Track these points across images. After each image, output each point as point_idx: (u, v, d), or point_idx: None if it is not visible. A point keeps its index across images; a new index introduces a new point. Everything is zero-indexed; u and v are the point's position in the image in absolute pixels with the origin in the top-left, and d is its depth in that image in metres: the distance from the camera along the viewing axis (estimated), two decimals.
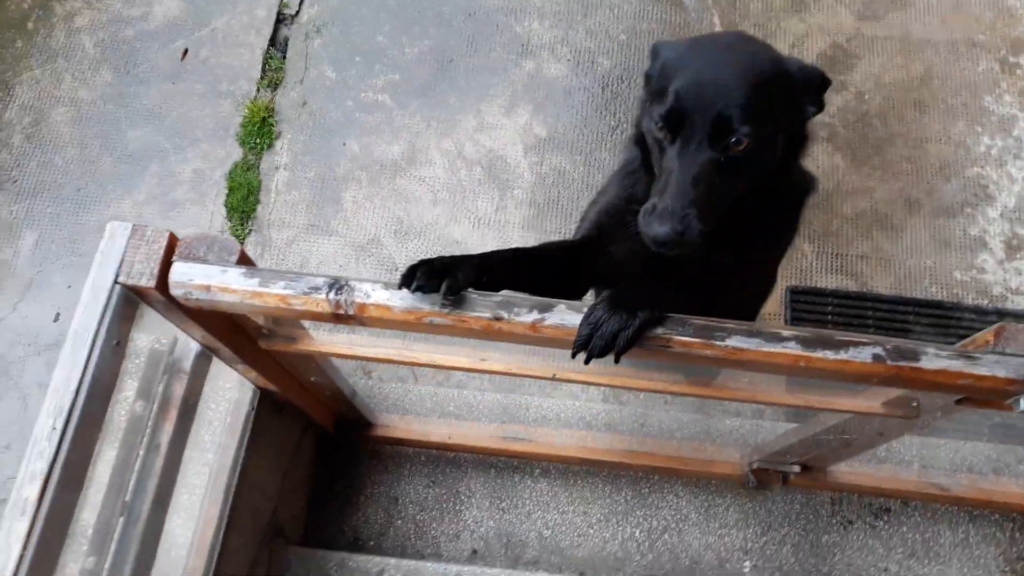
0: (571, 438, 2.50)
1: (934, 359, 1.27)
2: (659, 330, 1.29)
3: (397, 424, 2.52)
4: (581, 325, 1.28)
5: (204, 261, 1.37)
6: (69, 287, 3.22)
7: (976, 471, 2.47)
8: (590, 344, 1.27)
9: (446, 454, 2.58)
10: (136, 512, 1.53)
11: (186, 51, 3.68)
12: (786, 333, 1.29)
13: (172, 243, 1.38)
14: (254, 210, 3.37)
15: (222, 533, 1.83)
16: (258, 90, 3.59)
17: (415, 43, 3.67)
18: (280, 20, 3.75)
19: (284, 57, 3.67)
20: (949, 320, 3.00)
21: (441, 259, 1.34)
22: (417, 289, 1.29)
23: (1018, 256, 3.18)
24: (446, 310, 1.31)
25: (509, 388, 2.82)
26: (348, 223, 3.33)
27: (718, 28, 3.64)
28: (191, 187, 3.43)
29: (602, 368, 1.75)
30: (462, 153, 3.45)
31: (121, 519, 1.52)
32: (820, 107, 1.48)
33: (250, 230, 3.34)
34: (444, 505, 2.50)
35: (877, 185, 3.32)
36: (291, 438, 2.31)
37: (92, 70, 3.65)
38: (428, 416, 2.60)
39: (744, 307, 1.91)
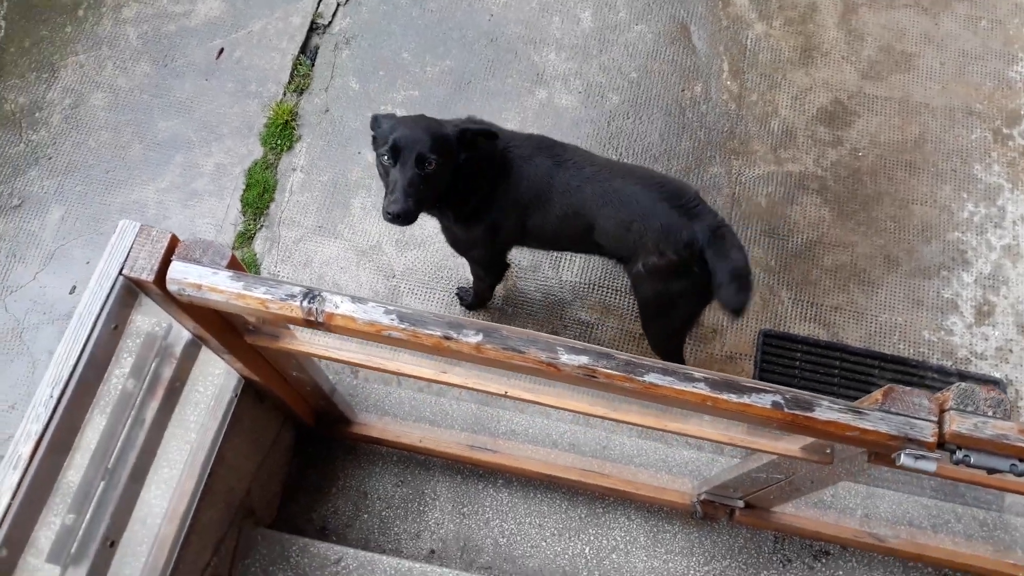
0: (535, 453, 2.65)
1: (827, 411, 1.41)
2: (584, 359, 1.45)
3: (374, 423, 2.68)
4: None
5: (199, 263, 1.54)
6: (87, 263, 3.43)
7: (915, 524, 2.59)
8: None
9: (417, 456, 2.73)
10: (116, 478, 1.70)
11: (222, 50, 3.90)
12: (697, 375, 1.44)
13: (173, 244, 1.55)
14: (267, 207, 3.56)
15: (195, 506, 2.00)
16: (284, 94, 3.80)
17: (437, 62, 3.86)
18: (313, 29, 3.95)
19: (312, 64, 3.87)
20: (912, 377, 3.11)
21: None
22: None
23: (987, 322, 3.29)
24: (403, 325, 1.48)
25: (484, 400, 2.97)
26: (354, 228, 3.52)
27: (725, 75, 3.80)
28: (211, 179, 3.64)
29: (550, 390, 1.92)
30: None
31: (102, 483, 1.70)
32: (471, 151, 2.52)
33: (261, 225, 3.53)
34: (409, 504, 2.66)
35: (860, 240, 3.45)
36: (271, 427, 2.48)
37: (133, 60, 3.88)
38: (405, 419, 2.76)
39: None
